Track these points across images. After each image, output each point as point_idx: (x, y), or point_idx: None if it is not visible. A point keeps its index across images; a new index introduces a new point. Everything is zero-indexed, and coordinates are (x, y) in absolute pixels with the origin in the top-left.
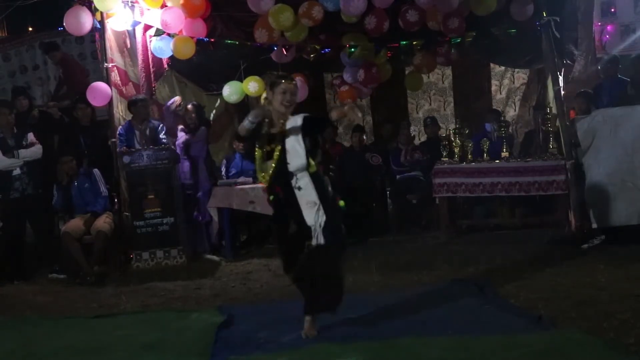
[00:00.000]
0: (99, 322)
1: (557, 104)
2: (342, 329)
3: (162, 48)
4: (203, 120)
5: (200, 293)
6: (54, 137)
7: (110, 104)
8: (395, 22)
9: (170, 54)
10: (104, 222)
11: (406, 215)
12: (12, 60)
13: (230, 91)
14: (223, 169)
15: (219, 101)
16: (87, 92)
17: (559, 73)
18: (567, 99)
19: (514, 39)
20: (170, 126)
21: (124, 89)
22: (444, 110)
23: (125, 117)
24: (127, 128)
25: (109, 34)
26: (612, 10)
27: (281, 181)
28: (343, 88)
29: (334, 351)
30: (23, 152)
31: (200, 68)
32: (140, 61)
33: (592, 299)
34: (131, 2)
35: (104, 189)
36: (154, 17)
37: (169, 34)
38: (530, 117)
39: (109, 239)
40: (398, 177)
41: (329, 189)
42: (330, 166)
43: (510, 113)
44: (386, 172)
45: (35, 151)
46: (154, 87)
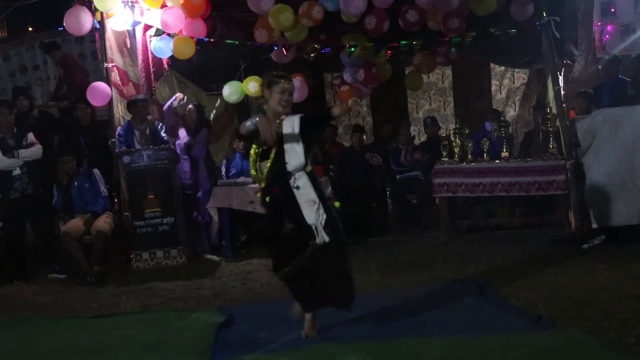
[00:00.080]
0: (99, 322)
1: (557, 104)
2: (342, 329)
3: (162, 48)
4: (203, 120)
5: (200, 293)
6: (54, 137)
7: (110, 104)
8: (395, 22)
9: (170, 54)
10: (104, 222)
11: (406, 215)
12: (12, 60)
13: (230, 91)
14: (223, 169)
15: (219, 101)
16: (87, 92)
17: (559, 73)
18: (567, 99)
19: (514, 39)
20: (170, 126)
21: (124, 89)
22: (444, 110)
23: (125, 117)
24: (127, 128)
25: (109, 34)
26: (612, 10)
27: (279, 181)
28: (343, 88)
29: (334, 351)
30: (23, 152)
31: (200, 68)
32: (140, 61)
33: (592, 299)
34: (131, 2)
35: (104, 189)
36: (154, 17)
37: (169, 34)
38: (530, 117)
39: (109, 239)
40: (398, 177)
41: (329, 189)
42: (330, 166)
43: (510, 113)
44: (386, 172)
45: (35, 151)
46: (154, 87)
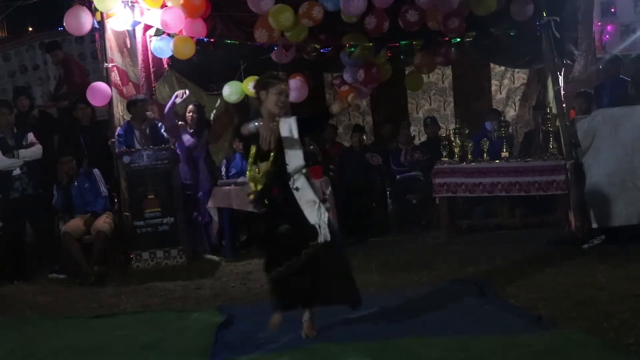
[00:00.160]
0: (99, 322)
1: (557, 104)
2: (342, 329)
3: (162, 48)
4: (204, 120)
5: (200, 293)
6: (54, 137)
7: (110, 104)
8: (395, 22)
9: (170, 54)
10: (104, 222)
11: (406, 215)
12: (12, 60)
13: (230, 91)
14: (223, 169)
15: (219, 101)
16: (87, 92)
17: (559, 73)
18: (567, 99)
19: (514, 39)
20: (171, 126)
21: (124, 89)
22: (444, 110)
23: (125, 117)
24: (127, 128)
25: (109, 34)
26: (612, 10)
27: (279, 183)
28: (343, 88)
29: (334, 351)
30: (23, 152)
31: (200, 68)
32: (140, 61)
33: (592, 299)
34: (131, 2)
35: (104, 189)
36: (154, 17)
37: (169, 34)
38: (530, 117)
39: (109, 239)
40: (398, 177)
41: (329, 189)
42: (330, 166)
43: (510, 113)
44: (386, 172)
45: (35, 151)
46: (154, 87)
